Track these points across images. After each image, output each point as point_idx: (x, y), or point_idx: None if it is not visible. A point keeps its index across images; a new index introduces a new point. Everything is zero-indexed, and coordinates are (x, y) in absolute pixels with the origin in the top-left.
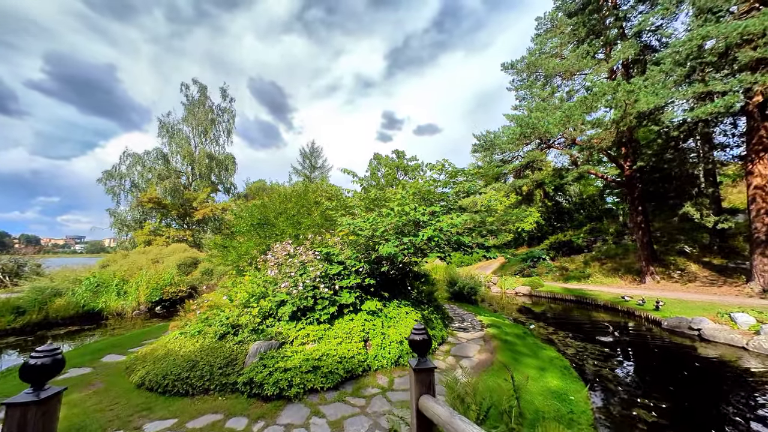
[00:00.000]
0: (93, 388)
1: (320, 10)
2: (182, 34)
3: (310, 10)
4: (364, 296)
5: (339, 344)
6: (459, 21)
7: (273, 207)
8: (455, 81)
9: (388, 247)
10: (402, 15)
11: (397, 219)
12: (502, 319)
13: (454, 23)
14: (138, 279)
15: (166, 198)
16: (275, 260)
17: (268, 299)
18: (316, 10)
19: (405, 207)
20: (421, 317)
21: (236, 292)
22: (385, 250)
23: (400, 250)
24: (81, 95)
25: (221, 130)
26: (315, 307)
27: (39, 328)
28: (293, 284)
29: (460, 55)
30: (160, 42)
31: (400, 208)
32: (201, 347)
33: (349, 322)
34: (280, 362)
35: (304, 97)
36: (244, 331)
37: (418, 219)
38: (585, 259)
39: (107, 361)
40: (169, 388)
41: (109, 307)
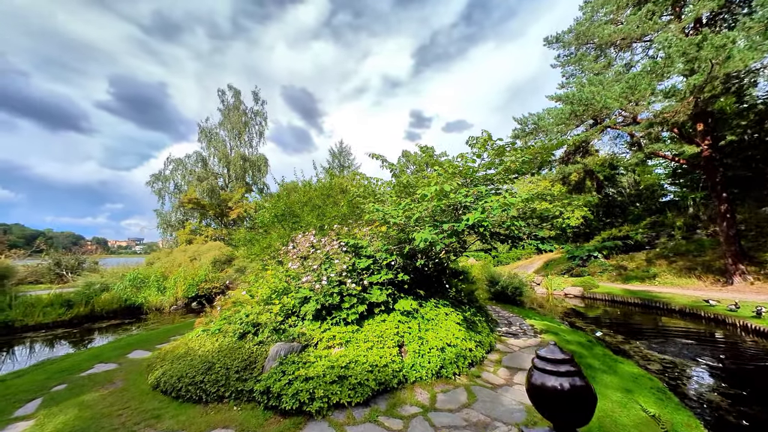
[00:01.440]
0: (111, 387)
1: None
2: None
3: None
4: (397, 294)
5: (369, 349)
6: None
7: (297, 198)
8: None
9: (425, 234)
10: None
11: (435, 203)
12: (556, 323)
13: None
14: (176, 275)
15: (204, 199)
16: (297, 252)
17: (290, 295)
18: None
19: (445, 185)
20: (463, 319)
21: (258, 288)
22: (422, 236)
23: (440, 238)
24: (138, 112)
25: (254, 132)
26: (341, 306)
27: (86, 321)
28: (316, 278)
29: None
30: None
31: (438, 187)
32: (219, 347)
33: (381, 324)
34: (302, 369)
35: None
36: (265, 331)
37: (460, 202)
38: (648, 256)
39: (133, 357)
40: (183, 393)
41: (149, 302)
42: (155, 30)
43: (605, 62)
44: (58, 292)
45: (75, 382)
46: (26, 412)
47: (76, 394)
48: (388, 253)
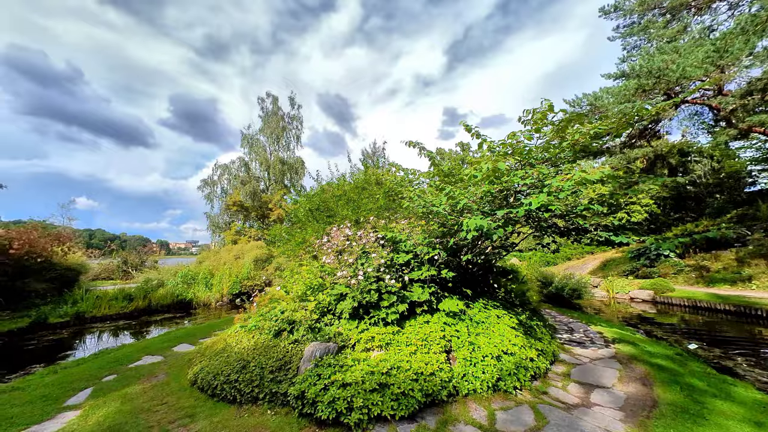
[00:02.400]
0: (154, 380)
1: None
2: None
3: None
4: (441, 293)
5: (413, 354)
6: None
7: (331, 192)
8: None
9: (476, 220)
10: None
11: (485, 188)
12: (629, 331)
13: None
14: (221, 273)
15: (247, 201)
16: (332, 246)
17: (326, 292)
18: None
19: (499, 163)
20: (518, 323)
21: (293, 284)
22: (473, 223)
23: (494, 227)
24: (193, 127)
25: (291, 136)
26: (380, 304)
27: (143, 313)
28: (352, 273)
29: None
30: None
31: (491, 165)
32: (255, 345)
33: (424, 326)
34: (338, 374)
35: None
36: (300, 329)
37: (514, 187)
38: (738, 255)
39: (178, 351)
40: (218, 391)
41: (198, 298)
42: (207, 51)
43: (678, 27)
44: (121, 287)
45: (123, 373)
46: (77, 401)
47: (121, 386)
48: (430, 247)
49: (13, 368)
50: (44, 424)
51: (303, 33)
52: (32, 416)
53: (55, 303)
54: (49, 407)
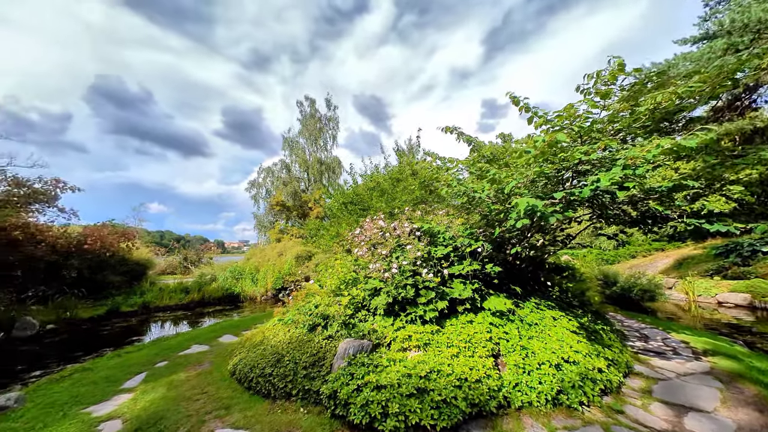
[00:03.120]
0: (199, 368)
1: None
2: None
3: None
4: (485, 290)
5: (455, 357)
6: None
7: (365, 185)
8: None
9: (529, 199)
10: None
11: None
12: (725, 342)
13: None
14: (266, 269)
15: (288, 201)
16: (365, 238)
17: (359, 287)
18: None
19: (559, 135)
20: (580, 327)
21: (327, 278)
22: (524, 203)
23: (550, 211)
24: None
25: (328, 136)
26: (417, 300)
27: (198, 305)
28: (386, 266)
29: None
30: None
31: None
32: (290, 338)
33: (468, 326)
34: (372, 374)
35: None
36: (334, 325)
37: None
38: None
39: (222, 341)
40: (253, 384)
41: (245, 292)
42: (252, 64)
43: None
44: (180, 281)
45: (174, 360)
46: (131, 385)
47: (170, 373)
48: (472, 239)
49: (89, 350)
50: (102, 405)
51: (338, 37)
52: (94, 396)
53: (127, 294)
54: (109, 389)
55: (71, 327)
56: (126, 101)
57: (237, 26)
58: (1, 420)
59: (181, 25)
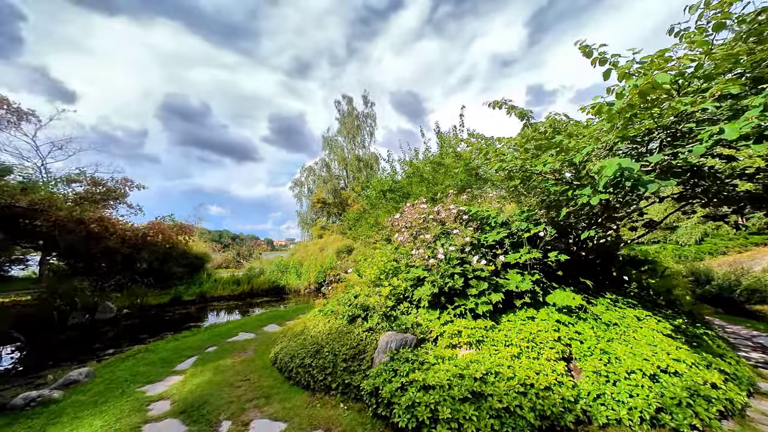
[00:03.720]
0: (244, 355)
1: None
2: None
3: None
4: (547, 282)
5: (515, 358)
6: None
7: (404, 172)
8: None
9: (621, 161)
10: None
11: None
12: None
13: None
14: (308, 263)
15: (329, 198)
16: (406, 222)
17: (401, 276)
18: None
19: (659, 75)
20: (675, 330)
21: (366, 267)
22: (613, 166)
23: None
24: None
25: (365, 133)
26: (466, 291)
27: (247, 296)
28: (431, 253)
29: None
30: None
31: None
32: (330, 329)
33: (529, 323)
34: (418, 372)
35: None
36: (374, 316)
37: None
38: None
39: (267, 330)
40: (293, 374)
41: (290, 285)
42: (294, 72)
43: None
44: (232, 274)
45: (222, 345)
46: (183, 368)
47: (217, 358)
48: (531, 223)
49: (153, 333)
50: (155, 384)
51: (374, 37)
52: (149, 376)
53: (187, 284)
54: (163, 370)
55: (142, 312)
56: (189, 115)
57: (280, 37)
58: (73, 392)
59: (233, 41)
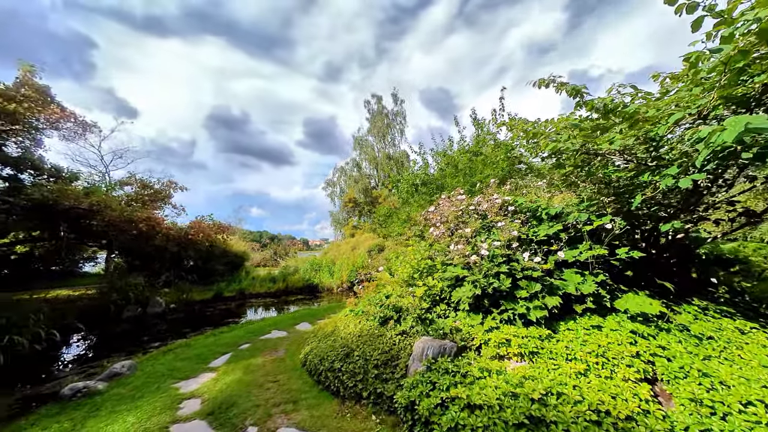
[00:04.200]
0: (275, 354)
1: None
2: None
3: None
4: (613, 284)
5: (581, 375)
6: None
7: (437, 164)
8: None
9: (751, 119)
10: None
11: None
12: None
13: None
14: (341, 262)
15: (360, 197)
16: (441, 216)
17: (436, 275)
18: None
19: None
20: None
21: (398, 265)
22: (742, 124)
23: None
24: (319, 143)
25: (395, 131)
26: (515, 293)
27: (282, 294)
28: (471, 249)
29: None
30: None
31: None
32: (360, 331)
33: (594, 333)
34: (461, 387)
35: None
36: (408, 319)
37: None
38: None
39: (299, 329)
40: (322, 379)
41: (323, 283)
42: (327, 77)
43: None
44: (268, 271)
45: (255, 343)
46: (216, 364)
47: (249, 356)
48: (592, 213)
49: (195, 328)
50: (188, 381)
51: (402, 36)
52: (185, 371)
53: (228, 281)
54: (198, 366)
55: (187, 307)
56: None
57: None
58: (115, 385)
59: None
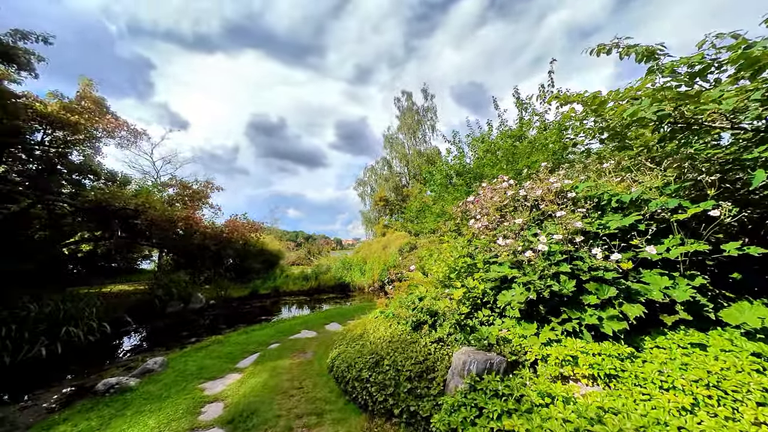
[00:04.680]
0: (303, 356)
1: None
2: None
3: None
4: (714, 291)
5: (685, 412)
6: None
7: (474, 154)
8: None
9: None
10: None
11: None
12: None
13: None
14: (372, 261)
15: (390, 196)
16: (482, 207)
17: (477, 276)
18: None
19: None
20: None
21: (431, 264)
22: None
23: None
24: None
25: (426, 127)
26: (580, 299)
27: (315, 292)
28: (523, 244)
29: None
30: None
31: None
32: (391, 336)
33: (696, 354)
34: (516, 417)
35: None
36: (445, 325)
37: None
38: None
39: (328, 329)
40: (349, 389)
41: (354, 282)
42: (356, 80)
43: None
44: (302, 270)
45: (284, 343)
46: (244, 365)
47: (277, 357)
48: (685, 199)
49: (230, 324)
50: (215, 382)
51: (432, 32)
52: (212, 371)
53: (263, 279)
54: (226, 366)
55: (225, 303)
56: (270, 130)
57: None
58: (147, 382)
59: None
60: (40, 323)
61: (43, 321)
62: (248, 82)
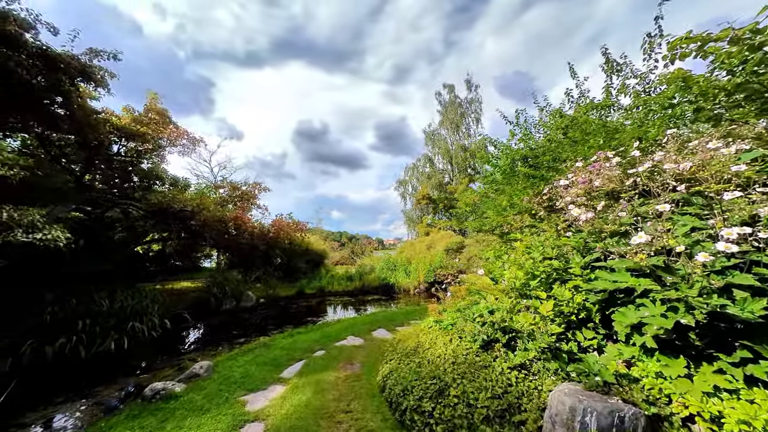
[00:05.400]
0: (350, 369)
1: None
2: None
3: None
4: None
5: None
6: None
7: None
8: None
9: None
10: None
11: None
12: None
13: None
14: (417, 261)
15: (433, 194)
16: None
17: (570, 284)
18: None
19: None
20: None
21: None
22: None
23: None
24: (390, 145)
25: (470, 120)
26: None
27: (359, 293)
28: (673, 239)
29: None
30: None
31: None
32: (454, 354)
33: None
34: None
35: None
36: (530, 348)
37: None
38: None
39: (376, 336)
40: (407, 420)
41: (399, 283)
42: (395, 80)
43: None
44: (346, 270)
45: (329, 350)
46: (288, 375)
47: (322, 368)
48: None
49: (278, 325)
50: (257, 395)
51: (473, 23)
52: (256, 380)
53: (309, 279)
54: (270, 375)
55: (273, 302)
56: (314, 136)
57: (381, 49)
58: (191, 389)
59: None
60: (111, 318)
61: (113, 316)
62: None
